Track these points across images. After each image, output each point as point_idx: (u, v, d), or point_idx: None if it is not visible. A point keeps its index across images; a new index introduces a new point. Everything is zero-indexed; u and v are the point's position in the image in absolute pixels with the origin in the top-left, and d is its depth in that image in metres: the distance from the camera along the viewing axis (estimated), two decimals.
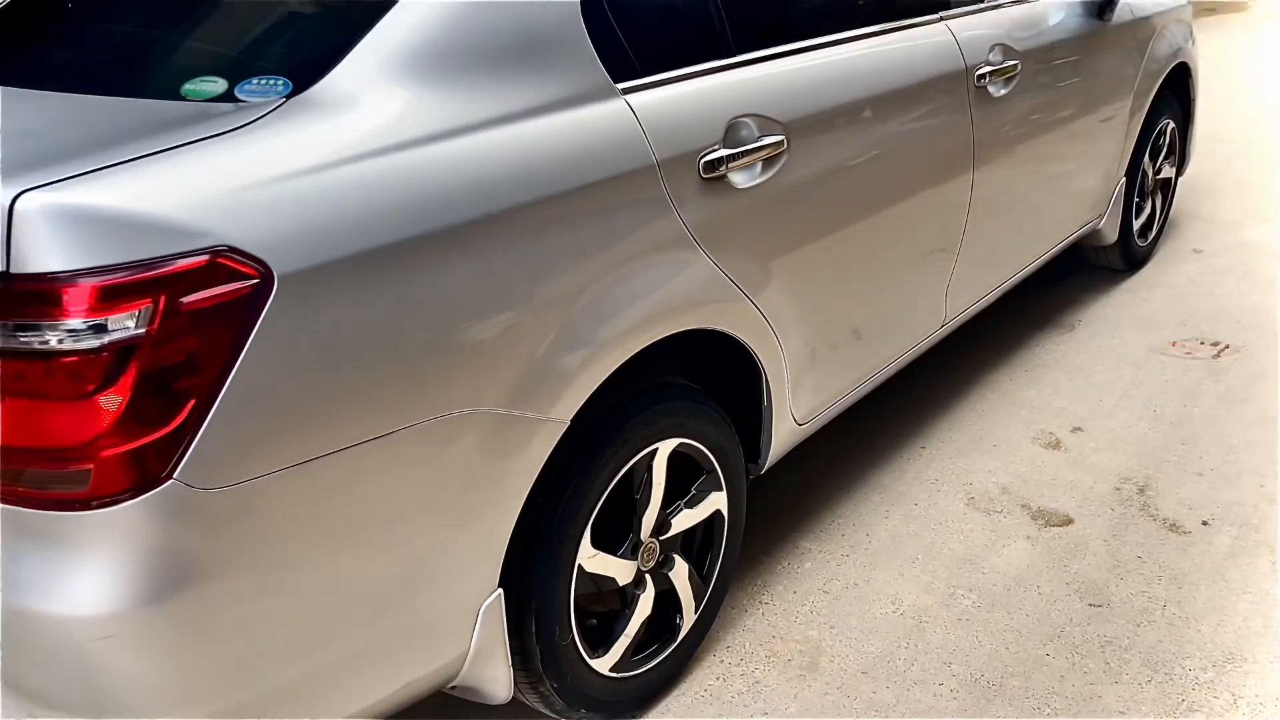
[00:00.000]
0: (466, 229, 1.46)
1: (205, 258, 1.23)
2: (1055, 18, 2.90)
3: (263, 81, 1.47)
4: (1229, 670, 2.06)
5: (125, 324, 1.20)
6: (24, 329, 1.20)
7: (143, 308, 1.20)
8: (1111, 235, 3.59)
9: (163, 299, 1.21)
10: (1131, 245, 3.78)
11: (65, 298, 1.19)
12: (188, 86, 1.51)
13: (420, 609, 1.54)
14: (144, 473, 1.23)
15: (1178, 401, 3.03)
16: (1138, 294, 3.76)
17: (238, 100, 1.45)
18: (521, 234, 1.53)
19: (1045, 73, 2.80)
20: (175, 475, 1.24)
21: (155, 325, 1.21)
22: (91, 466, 1.22)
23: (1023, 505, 2.60)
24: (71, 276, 1.19)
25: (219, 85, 1.49)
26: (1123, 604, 2.25)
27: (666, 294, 1.75)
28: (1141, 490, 2.63)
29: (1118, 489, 2.64)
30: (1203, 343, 3.38)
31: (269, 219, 1.29)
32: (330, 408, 1.36)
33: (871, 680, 2.08)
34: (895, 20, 2.35)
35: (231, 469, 1.28)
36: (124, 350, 1.20)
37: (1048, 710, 1.99)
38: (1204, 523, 2.50)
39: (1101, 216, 3.47)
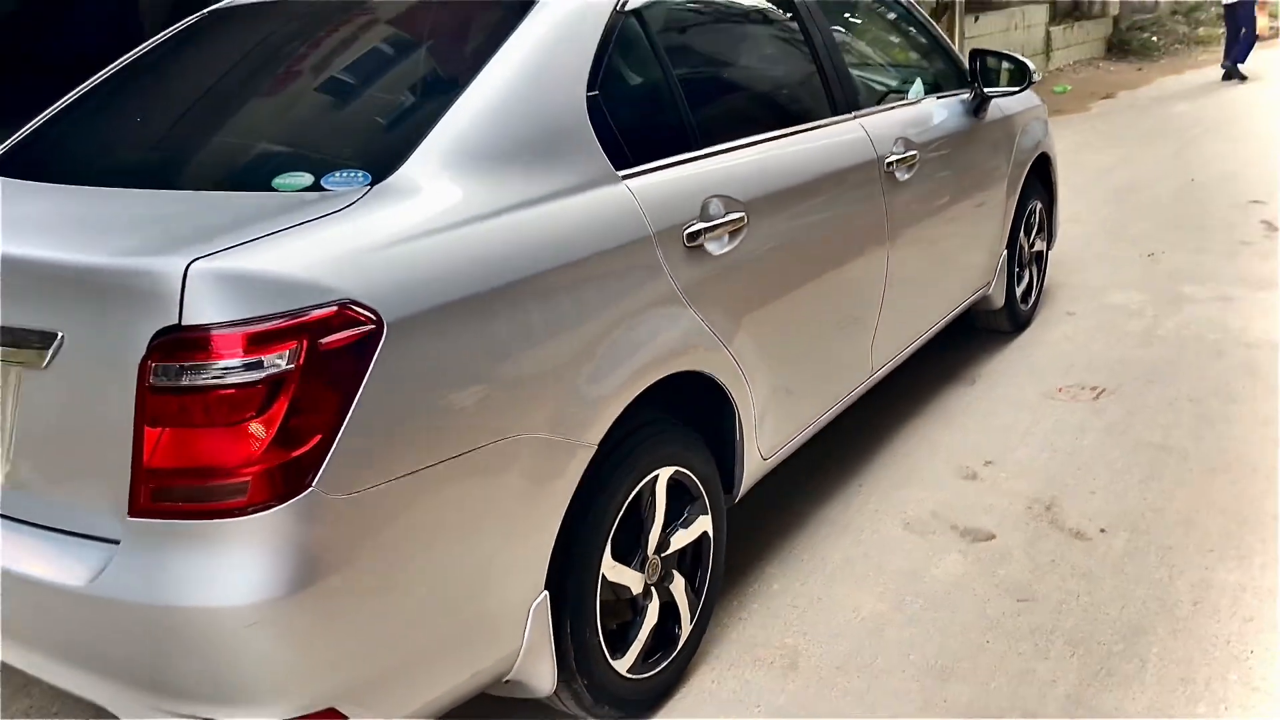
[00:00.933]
0: (515, 287, 1.81)
1: (334, 309, 1.55)
2: (940, 115, 3.44)
3: (346, 174, 1.80)
4: (1136, 641, 2.47)
5: (277, 362, 1.50)
6: (196, 369, 1.49)
7: (291, 348, 1.51)
8: (999, 300, 4.13)
9: (305, 341, 1.52)
10: (1016, 309, 4.32)
11: (230, 342, 1.49)
12: (277, 180, 1.83)
13: (486, 605, 1.83)
14: (291, 482, 1.51)
15: (1069, 436, 3.51)
16: (1024, 350, 4.29)
17: (324, 189, 1.78)
18: (557, 290, 1.88)
19: (937, 161, 3.32)
20: (313, 484, 1.53)
21: (301, 362, 1.51)
22: (250, 479, 1.50)
23: (951, 526, 3.00)
24: (234, 325, 1.49)
25: (306, 179, 1.82)
26: (1044, 598, 2.65)
27: (665, 340, 2.12)
28: (1048, 508, 3.07)
29: (1029, 508, 3.07)
30: (1084, 388, 3.90)
31: (376, 278, 1.61)
32: (420, 431, 1.66)
33: (845, 674, 2.41)
34: (821, 118, 2.82)
35: (352, 479, 1.57)
36: (276, 383, 1.50)
37: (993, 685, 2.35)
38: (1101, 530, 2.94)
39: (990, 284, 3.99)
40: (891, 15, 3.61)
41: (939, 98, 3.51)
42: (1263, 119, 9.58)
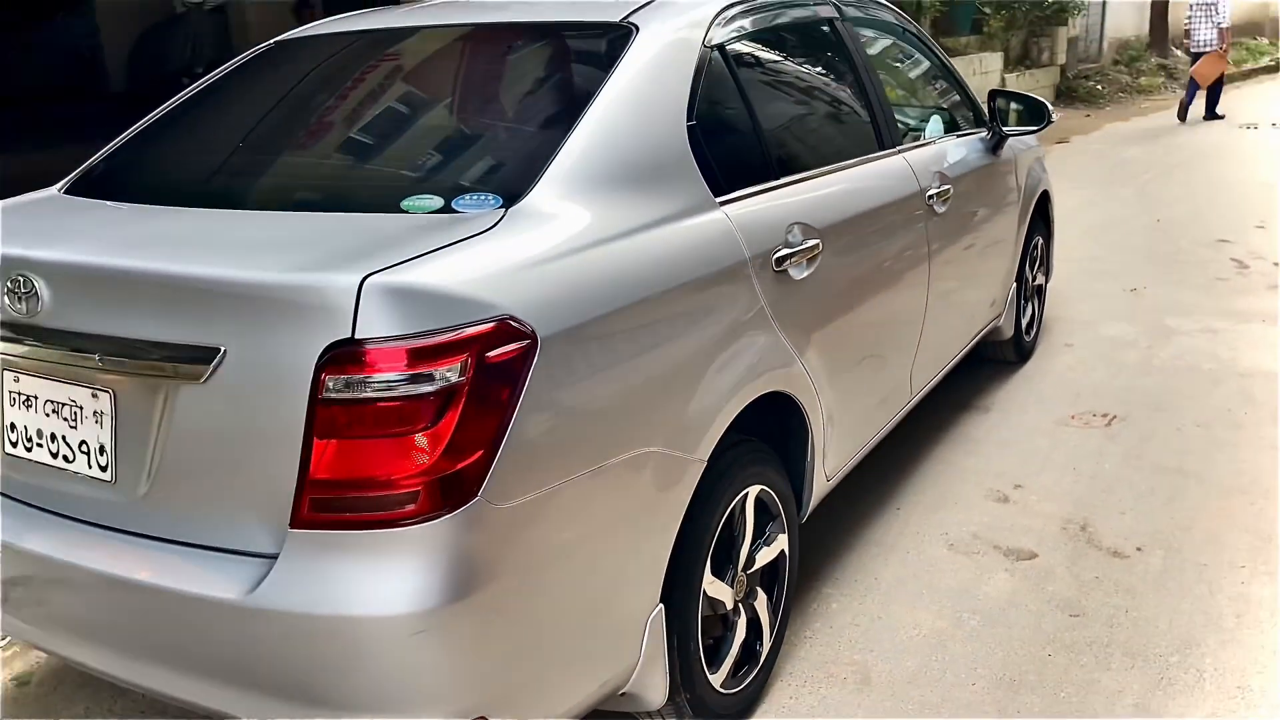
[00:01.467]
0: (640, 305, 1.87)
1: (495, 324, 1.60)
2: (967, 152, 3.59)
3: (477, 198, 1.86)
4: (1190, 653, 2.57)
5: (448, 375, 1.54)
6: (368, 383, 1.53)
7: (461, 361, 1.55)
8: (1009, 331, 4.27)
9: (473, 355, 1.56)
10: (1021, 340, 4.48)
11: (402, 356, 1.53)
12: (406, 202, 1.87)
13: (614, 616, 1.87)
14: (460, 492, 1.55)
15: (1089, 461, 3.64)
16: (1031, 380, 4.44)
17: (455, 211, 1.84)
18: (674, 310, 1.95)
19: (966, 196, 3.46)
20: (479, 494, 1.57)
21: (470, 375, 1.56)
22: (421, 488, 1.53)
23: (994, 546, 3.09)
24: (406, 338, 1.53)
25: (436, 201, 1.86)
26: (1094, 613, 2.75)
27: (761, 360, 2.19)
28: (1083, 528, 3.18)
29: (1064, 528, 3.18)
30: (1095, 415, 4.04)
31: (528, 295, 1.67)
32: (564, 443, 1.71)
33: (917, 687, 2.48)
34: (871, 152, 2.94)
35: (510, 490, 1.61)
36: (447, 395, 1.54)
37: (1063, 694, 2.44)
38: (1138, 549, 3.06)
39: (1001, 315, 4.14)
40: (919, 55, 3.76)
41: (963, 135, 3.67)
42: (1214, 163, 10.00)
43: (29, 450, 1.89)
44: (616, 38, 2.20)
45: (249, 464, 1.64)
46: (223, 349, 1.61)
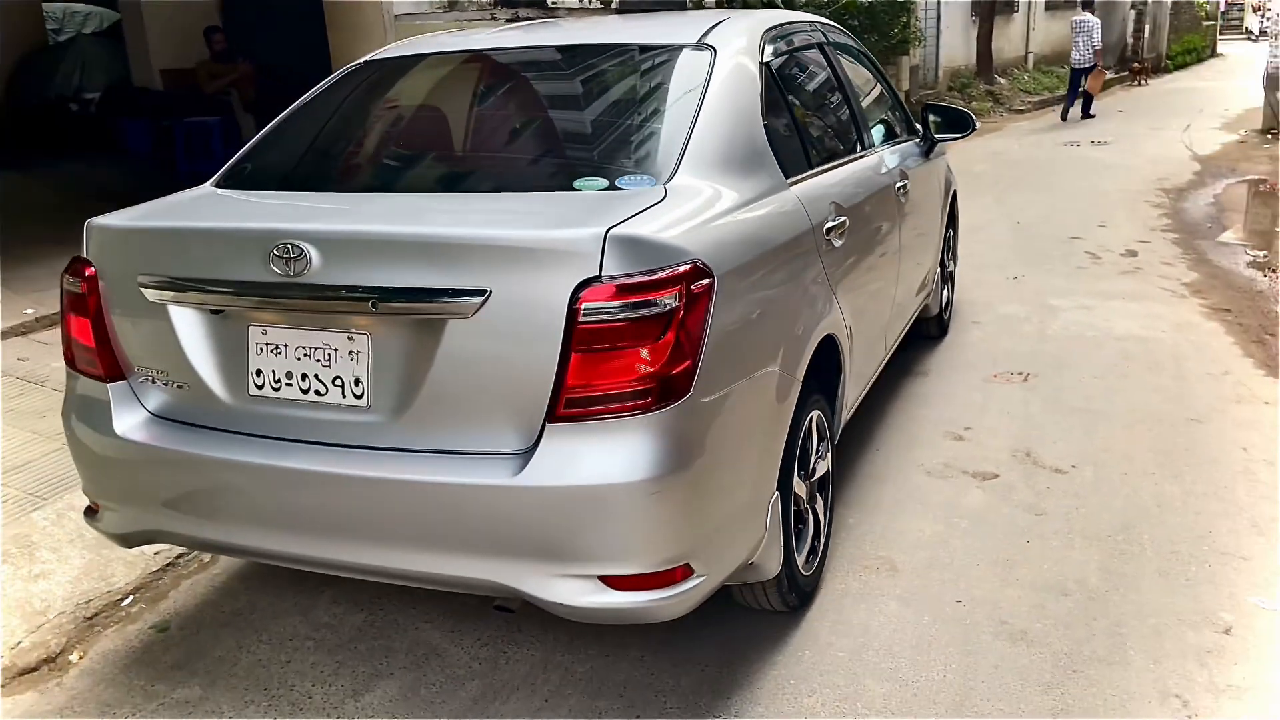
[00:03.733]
0: (763, 257, 2.45)
1: (690, 265, 2.14)
2: (914, 154, 4.32)
3: (635, 178, 2.40)
4: (1130, 533, 3.31)
5: (668, 302, 2.07)
6: (613, 309, 2.04)
7: (677, 292, 2.09)
8: (935, 308, 5.04)
9: (683, 287, 2.10)
10: (942, 317, 5.26)
11: (637, 288, 2.05)
12: (578, 183, 2.40)
13: (756, 496, 2.42)
14: (680, 388, 2.09)
15: (1018, 407, 4.41)
16: (954, 350, 5.22)
17: (618, 189, 2.38)
18: (780, 262, 2.54)
19: (915, 188, 4.18)
20: (692, 390, 2.11)
21: (683, 302, 2.10)
22: (654, 385, 2.06)
23: (962, 471, 3.79)
24: (638, 274, 2.06)
25: (603, 182, 2.40)
26: (1053, 512, 3.47)
27: (823, 307, 2.80)
28: (1028, 454, 3.92)
29: (1013, 455, 3.92)
30: (1013, 374, 4.84)
31: (705, 245, 2.21)
32: (731, 357, 2.26)
33: (935, 569, 3.12)
34: (858, 150, 3.61)
35: (706, 388, 2.15)
36: (669, 316, 2.07)
37: (1045, 567, 3.12)
38: (1073, 466, 3.81)
39: (930, 294, 4.90)
40: (869, 74, 4.48)
41: (907, 140, 4.40)
42: (1052, 175, 11.29)
43: (275, 390, 2.31)
44: (701, 56, 2.78)
45: (505, 380, 2.12)
46: (489, 290, 2.09)
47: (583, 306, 2.04)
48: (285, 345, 2.29)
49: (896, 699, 2.54)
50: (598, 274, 2.04)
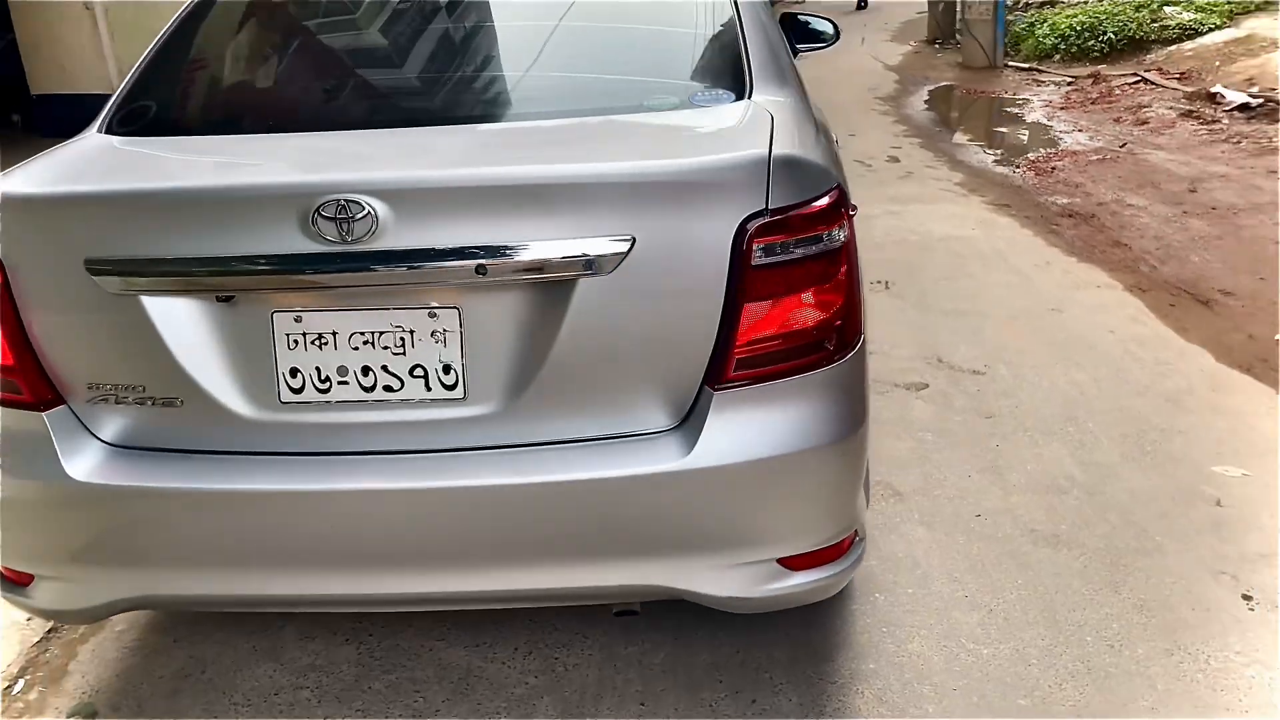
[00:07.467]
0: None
1: (838, 189, 1.85)
2: None
3: (710, 93, 2.06)
4: (1070, 422, 3.45)
5: (839, 235, 1.78)
6: (788, 245, 1.72)
7: (845, 221, 1.80)
8: None
9: (846, 215, 1.82)
10: None
11: (811, 220, 1.74)
12: (647, 102, 2.02)
13: None
14: (854, 334, 1.82)
15: (894, 316, 4.48)
16: None
17: (694, 106, 2.03)
18: None
19: None
20: (862, 335, 1.84)
21: (850, 232, 1.81)
22: (833, 333, 1.77)
23: (894, 385, 3.78)
24: (809, 203, 1.74)
25: (673, 99, 2.04)
26: (998, 413, 3.54)
27: None
28: (940, 360, 3.99)
29: (928, 363, 3.97)
30: (874, 282, 4.92)
31: (832, 163, 1.93)
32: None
33: (938, 488, 3.08)
34: None
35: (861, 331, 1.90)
36: (842, 250, 1.78)
37: (1028, 466, 3.18)
38: (986, 366, 3.93)
39: None
40: None
41: None
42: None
43: (323, 392, 1.77)
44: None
45: (653, 346, 1.73)
46: (633, 238, 1.69)
47: (755, 246, 1.70)
48: (333, 334, 1.75)
49: (994, 626, 2.46)
50: (765, 206, 1.71)
